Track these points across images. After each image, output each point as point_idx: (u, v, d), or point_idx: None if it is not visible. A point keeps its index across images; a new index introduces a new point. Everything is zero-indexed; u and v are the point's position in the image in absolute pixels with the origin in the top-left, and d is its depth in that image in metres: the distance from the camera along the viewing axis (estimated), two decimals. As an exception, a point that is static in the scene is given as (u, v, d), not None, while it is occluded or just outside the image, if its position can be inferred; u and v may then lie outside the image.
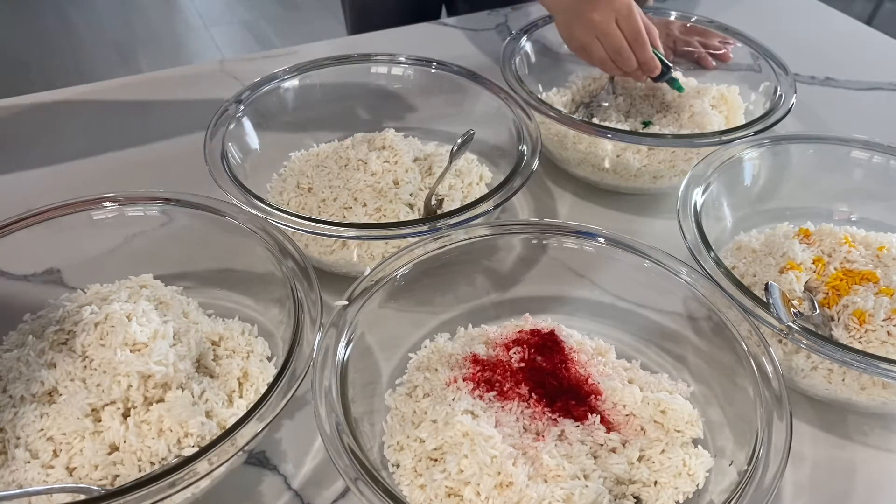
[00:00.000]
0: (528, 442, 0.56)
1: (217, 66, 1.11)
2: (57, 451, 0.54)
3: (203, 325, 0.64)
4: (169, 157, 0.92)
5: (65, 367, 0.57)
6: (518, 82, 0.87)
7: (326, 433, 0.51)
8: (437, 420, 0.57)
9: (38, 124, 0.98)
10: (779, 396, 0.55)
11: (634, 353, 0.68)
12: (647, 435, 0.59)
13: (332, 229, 0.67)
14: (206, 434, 0.56)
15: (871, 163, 0.81)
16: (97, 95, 1.04)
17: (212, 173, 0.71)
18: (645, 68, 0.87)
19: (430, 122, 0.92)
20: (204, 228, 0.68)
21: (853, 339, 0.65)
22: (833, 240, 0.72)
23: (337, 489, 0.60)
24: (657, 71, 0.88)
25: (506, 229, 0.70)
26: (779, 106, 0.86)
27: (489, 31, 1.23)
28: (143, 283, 0.67)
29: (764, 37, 1.01)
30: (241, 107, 0.82)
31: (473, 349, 0.64)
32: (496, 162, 0.86)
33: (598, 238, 0.69)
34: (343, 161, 0.80)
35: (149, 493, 0.47)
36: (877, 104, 1.11)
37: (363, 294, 0.62)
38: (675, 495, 0.56)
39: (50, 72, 2.74)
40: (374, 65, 0.94)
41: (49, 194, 0.68)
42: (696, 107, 0.91)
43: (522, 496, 0.52)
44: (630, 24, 0.84)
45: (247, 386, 0.62)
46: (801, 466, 0.63)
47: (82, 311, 0.60)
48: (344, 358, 0.58)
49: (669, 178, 0.87)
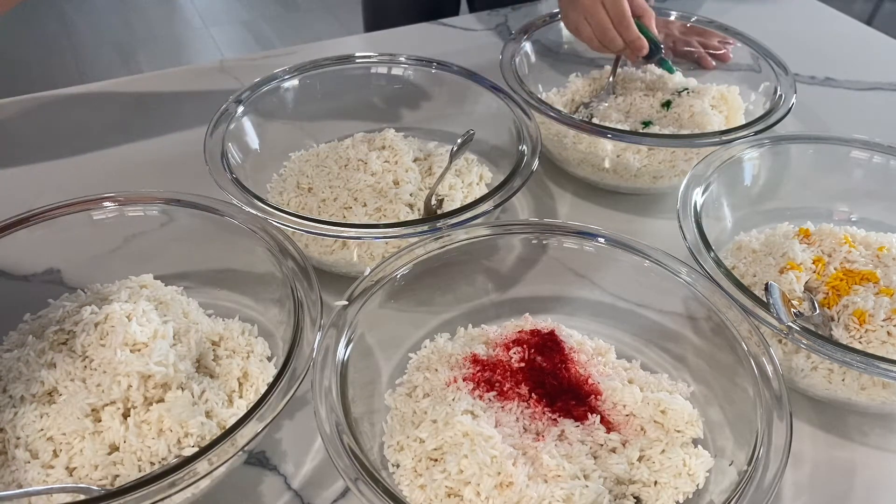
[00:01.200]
0: (528, 442, 0.56)
1: (217, 66, 1.11)
2: (57, 451, 0.54)
3: (203, 325, 0.64)
4: (169, 157, 0.92)
5: (65, 367, 0.57)
6: (518, 82, 0.87)
7: (326, 433, 0.51)
8: (437, 420, 0.57)
9: (38, 124, 0.98)
10: (779, 396, 0.55)
11: (634, 353, 0.68)
12: (647, 435, 0.59)
13: (332, 229, 0.67)
14: (206, 434, 0.56)
15: (871, 163, 0.81)
16: (97, 95, 1.04)
17: (212, 173, 0.71)
18: (632, 47, 0.91)
19: (430, 122, 0.92)
20: (204, 228, 0.68)
21: (853, 339, 0.65)
22: (833, 240, 0.72)
23: (337, 489, 0.60)
24: (644, 51, 0.92)
25: (506, 229, 0.70)
26: (779, 106, 0.86)
27: (489, 31, 1.24)
28: (143, 283, 0.67)
29: (764, 37, 1.01)
30: (241, 107, 0.82)
31: (473, 349, 0.64)
32: (496, 162, 0.86)
33: (598, 238, 0.69)
34: (343, 161, 0.80)
35: (149, 493, 0.46)
36: (877, 104, 1.11)
37: (363, 294, 0.62)
38: (675, 495, 0.56)
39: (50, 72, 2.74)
40: (374, 65, 0.94)
41: (49, 194, 0.68)
42: (696, 107, 0.91)
43: (522, 496, 0.52)
44: (615, 6, 0.89)
45: (247, 386, 0.62)
46: (801, 466, 0.63)
47: (82, 311, 0.60)
48: (344, 358, 0.58)
49: (669, 178, 0.87)
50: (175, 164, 0.89)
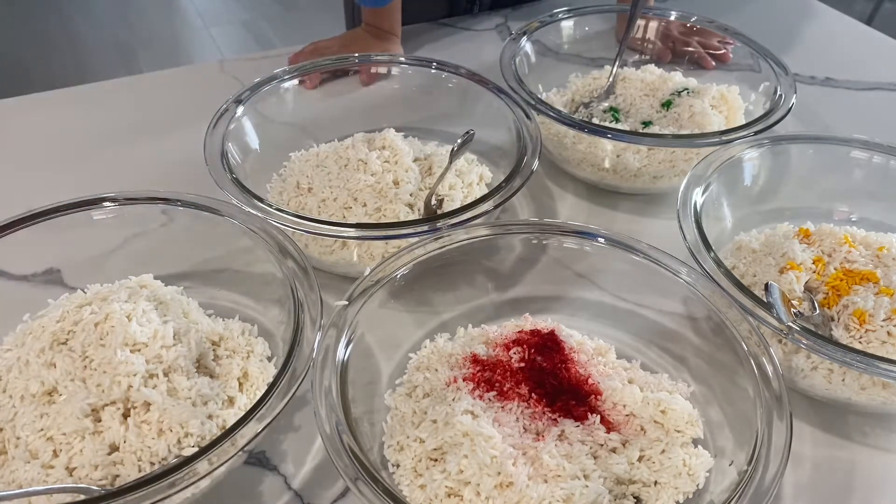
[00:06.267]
0: (528, 442, 0.56)
1: (217, 66, 1.11)
2: (57, 451, 0.54)
3: (203, 325, 0.64)
4: (169, 157, 0.92)
5: (65, 367, 0.57)
6: (518, 82, 0.87)
7: (326, 433, 0.51)
8: (437, 420, 0.57)
9: (38, 124, 0.98)
10: (779, 396, 0.55)
11: (634, 353, 0.68)
12: (647, 435, 0.59)
13: (331, 229, 0.67)
14: (206, 434, 0.56)
15: (871, 163, 0.81)
16: (97, 95, 1.04)
17: (212, 173, 0.71)
18: None
19: (430, 122, 0.92)
20: (204, 228, 0.68)
21: (853, 339, 0.65)
22: (833, 240, 0.72)
23: (337, 489, 0.60)
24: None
25: (506, 229, 0.70)
26: (779, 106, 0.86)
27: (489, 31, 1.24)
28: (143, 283, 0.67)
29: (764, 37, 1.01)
30: (241, 107, 0.82)
31: (473, 349, 0.64)
32: (496, 162, 0.86)
33: (598, 238, 0.69)
34: (343, 161, 0.80)
35: (149, 493, 0.47)
36: (877, 104, 1.11)
37: (363, 294, 0.62)
38: (675, 495, 0.56)
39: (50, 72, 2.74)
40: (375, 65, 0.94)
41: (49, 194, 0.68)
42: (696, 107, 0.91)
43: (522, 496, 0.52)
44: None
45: (247, 386, 0.62)
46: (801, 466, 0.63)
47: (82, 311, 0.60)
48: (344, 358, 0.58)
49: (669, 179, 0.87)
50: (175, 164, 0.89)
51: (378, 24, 1.13)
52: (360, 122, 0.88)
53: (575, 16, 1.05)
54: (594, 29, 1.08)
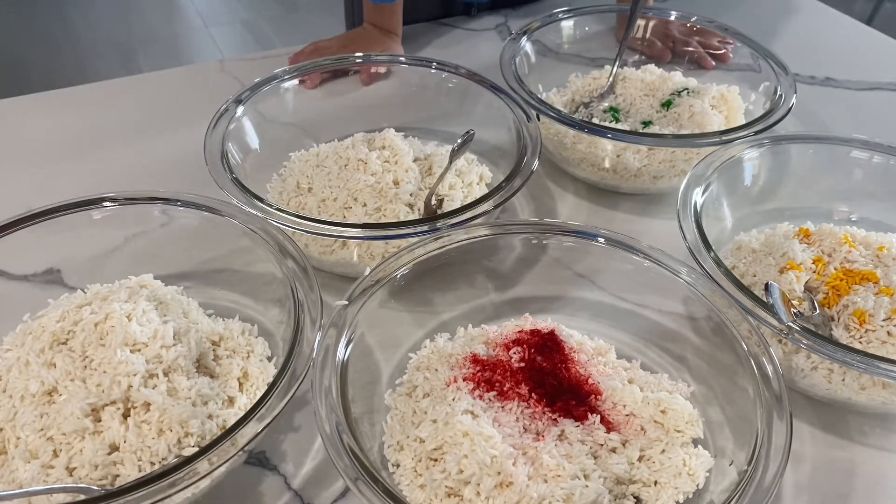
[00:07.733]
0: (528, 442, 0.56)
1: (217, 66, 1.11)
2: (57, 450, 0.54)
3: (203, 325, 0.64)
4: (169, 156, 0.92)
5: (65, 367, 0.57)
6: (518, 82, 0.87)
7: (326, 433, 0.51)
8: (437, 420, 0.57)
9: (38, 124, 0.98)
10: (779, 396, 0.55)
11: (634, 353, 0.68)
12: (647, 435, 0.59)
13: (331, 229, 0.67)
14: (207, 434, 0.56)
15: (871, 163, 0.81)
16: (97, 95, 1.04)
17: (212, 173, 0.71)
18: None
19: (430, 122, 0.92)
20: (204, 228, 0.68)
21: (853, 339, 0.65)
22: (833, 240, 0.72)
23: (337, 489, 0.60)
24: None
25: (506, 229, 0.70)
26: (779, 106, 0.86)
27: (489, 31, 1.24)
28: (143, 283, 0.67)
29: (764, 37, 1.01)
30: (241, 107, 0.82)
31: (473, 349, 0.64)
32: (496, 162, 0.86)
33: (598, 238, 0.69)
34: (343, 161, 0.80)
35: (149, 493, 0.47)
36: (877, 104, 1.11)
37: (363, 294, 0.62)
38: (675, 495, 0.55)
39: (50, 72, 2.74)
40: (375, 65, 0.94)
41: (49, 194, 0.68)
42: (696, 107, 0.91)
43: (522, 496, 0.52)
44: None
45: (247, 386, 0.62)
46: (801, 466, 0.63)
47: (82, 311, 0.60)
48: (344, 358, 0.58)
49: (669, 179, 0.87)
50: (175, 164, 0.89)
51: (380, 23, 1.13)
52: (360, 122, 0.88)
53: (575, 16, 1.05)
54: (594, 29, 1.08)
